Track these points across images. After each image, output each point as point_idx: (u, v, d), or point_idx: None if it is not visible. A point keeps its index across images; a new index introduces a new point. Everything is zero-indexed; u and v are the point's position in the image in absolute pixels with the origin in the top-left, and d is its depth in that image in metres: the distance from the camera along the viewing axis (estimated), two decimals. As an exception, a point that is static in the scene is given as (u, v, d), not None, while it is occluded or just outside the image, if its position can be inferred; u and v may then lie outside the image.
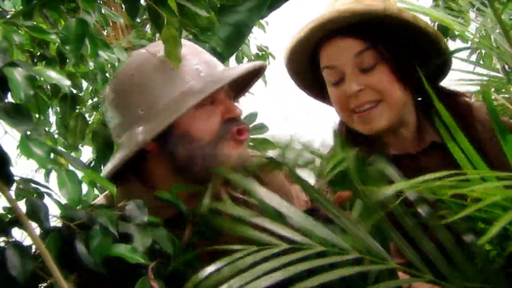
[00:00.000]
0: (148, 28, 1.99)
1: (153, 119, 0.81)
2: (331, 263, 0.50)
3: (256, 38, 2.57)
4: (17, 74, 0.51)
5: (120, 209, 0.69)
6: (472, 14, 1.55)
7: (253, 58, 2.60)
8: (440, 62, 0.95)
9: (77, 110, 0.89)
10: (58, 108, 0.88)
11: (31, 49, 0.78)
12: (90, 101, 1.67)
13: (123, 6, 1.91)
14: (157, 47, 0.86)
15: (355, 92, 0.90)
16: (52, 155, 0.56)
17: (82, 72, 0.80)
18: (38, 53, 0.78)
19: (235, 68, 0.89)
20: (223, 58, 1.45)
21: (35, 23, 0.66)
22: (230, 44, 1.52)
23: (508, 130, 0.56)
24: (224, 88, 0.86)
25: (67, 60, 0.74)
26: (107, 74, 0.83)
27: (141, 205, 0.69)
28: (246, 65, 0.91)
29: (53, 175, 0.58)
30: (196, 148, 0.83)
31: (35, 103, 0.65)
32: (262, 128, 1.85)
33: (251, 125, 1.86)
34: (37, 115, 0.75)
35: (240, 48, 2.19)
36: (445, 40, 0.94)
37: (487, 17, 0.93)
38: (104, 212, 0.62)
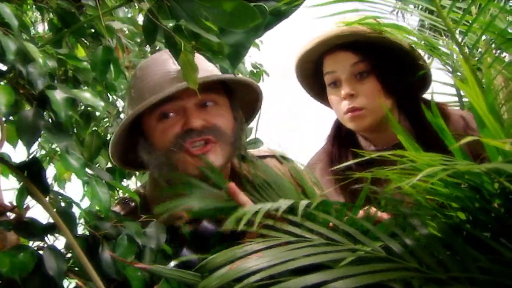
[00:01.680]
0: (147, 47, 2.06)
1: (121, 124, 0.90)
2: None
3: (251, 56, 2.66)
4: (57, 96, 0.58)
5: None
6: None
7: (248, 76, 2.69)
8: (420, 78, 1.11)
9: (92, 127, 0.97)
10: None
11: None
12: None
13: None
14: (151, 58, 0.96)
15: (348, 95, 1.10)
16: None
17: (98, 91, 0.87)
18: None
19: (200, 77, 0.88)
20: (227, 72, 1.53)
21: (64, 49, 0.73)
22: (232, 60, 1.60)
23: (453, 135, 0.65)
24: (194, 97, 0.89)
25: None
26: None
27: (161, 230, 0.74)
28: (210, 75, 0.91)
29: (69, 187, 0.65)
30: (154, 156, 0.91)
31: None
32: (256, 143, 1.93)
33: (246, 140, 1.94)
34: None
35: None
36: (424, 59, 1.12)
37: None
38: (131, 224, 0.68)
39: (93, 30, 0.84)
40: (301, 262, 0.53)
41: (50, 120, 0.62)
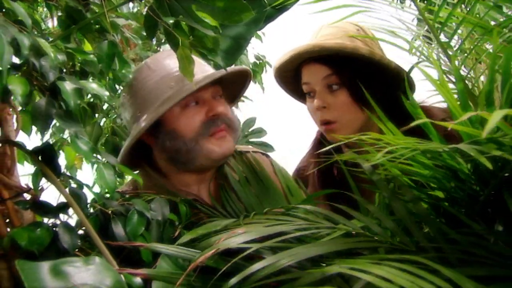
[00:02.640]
0: (153, 41, 2.13)
1: (145, 118, 0.96)
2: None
3: (253, 48, 2.71)
4: (67, 87, 0.65)
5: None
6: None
7: (251, 67, 2.74)
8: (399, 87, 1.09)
9: (99, 119, 1.03)
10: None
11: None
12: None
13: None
14: (152, 59, 1.02)
15: (320, 107, 1.12)
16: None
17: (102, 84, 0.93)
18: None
19: (216, 72, 1.00)
20: (223, 68, 1.58)
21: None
22: (230, 55, 1.65)
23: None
24: (209, 89, 0.99)
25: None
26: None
27: (164, 204, 0.82)
28: (229, 68, 1.02)
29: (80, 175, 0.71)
30: (180, 143, 0.97)
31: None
32: (260, 132, 1.99)
33: (250, 129, 1.99)
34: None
35: (238, 58, 2.32)
36: (400, 69, 1.11)
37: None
38: (138, 201, 0.76)
39: (98, 26, 0.90)
40: (285, 236, 0.59)
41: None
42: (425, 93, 1.22)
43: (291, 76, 1.21)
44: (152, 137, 1.00)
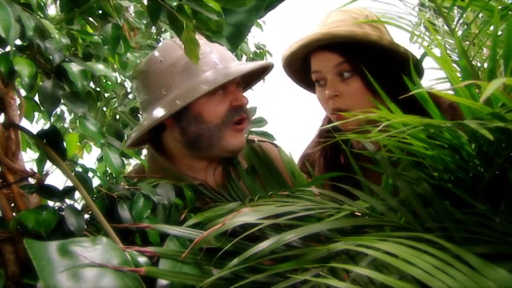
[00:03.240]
0: (153, 29, 2.12)
1: (173, 100, 0.95)
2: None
3: (254, 36, 2.70)
4: (74, 68, 0.65)
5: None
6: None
7: (251, 56, 2.74)
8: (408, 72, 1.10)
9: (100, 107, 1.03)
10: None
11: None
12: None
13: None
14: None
15: (332, 96, 1.09)
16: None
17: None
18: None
19: (245, 64, 1.03)
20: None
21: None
22: (231, 42, 1.66)
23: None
24: (235, 80, 1.00)
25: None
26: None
27: (169, 188, 0.82)
28: (256, 63, 1.04)
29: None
30: (204, 128, 0.98)
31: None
32: (261, 121, 1.99)
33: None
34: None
35: (239, 47, 2.32)
36: (409, 53, 1.08)
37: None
38: (144, 185, 0.76)
39: (100, 12, 0.90)
40: (289, 215, 0.59)
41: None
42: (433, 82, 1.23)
43: (300, 64, 1.19)
44: (172, 119, 0.99)
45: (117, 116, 1.72)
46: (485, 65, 0.99)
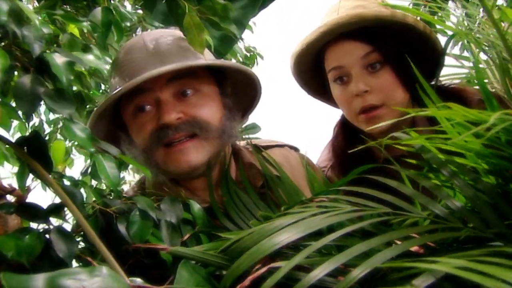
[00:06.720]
0: (139, 31, 2.00)
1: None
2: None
3: (243, 38, 2.60)
4: (58, 60, 0.53)
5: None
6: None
7: (240, 59, 2.63)
8: (436, 62, 0.98)
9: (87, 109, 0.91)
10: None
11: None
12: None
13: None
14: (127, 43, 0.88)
15: (362, 91, 0.94)
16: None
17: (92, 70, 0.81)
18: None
19: (163, 67, 0.79)
20: (220, 54, 1.47)
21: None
22: (226, 41, 1.55)
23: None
24: (169, 87, 0.82)
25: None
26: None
27: (176, 203, 0.70)
28: (183, 63, 0.81)
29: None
30: (137, 152, 0.84)
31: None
32: (254, 128, 1.88)
33: (243, 125, 1.89)
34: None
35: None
36: (436, 38, 0.97)
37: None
38: (142, 199, 0.64)
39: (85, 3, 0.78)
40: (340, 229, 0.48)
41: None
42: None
43: (309, 62, 1.04)
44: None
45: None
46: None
